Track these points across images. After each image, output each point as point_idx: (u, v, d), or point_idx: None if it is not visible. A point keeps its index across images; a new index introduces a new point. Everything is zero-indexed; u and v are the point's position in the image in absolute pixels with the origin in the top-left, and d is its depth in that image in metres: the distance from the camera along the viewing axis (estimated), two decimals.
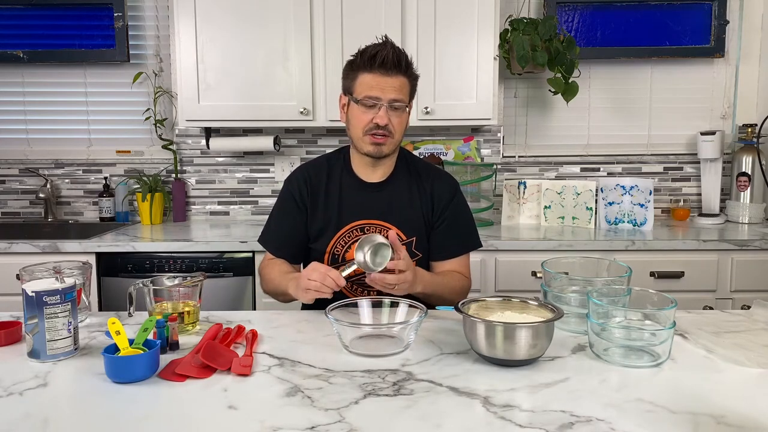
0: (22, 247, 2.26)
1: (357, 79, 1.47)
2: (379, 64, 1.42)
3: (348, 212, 1.54)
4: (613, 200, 2.64)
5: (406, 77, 1.47)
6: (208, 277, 1.42)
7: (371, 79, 1.44)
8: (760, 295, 1.93)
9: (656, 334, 1.09)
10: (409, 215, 1.56)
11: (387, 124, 1.45)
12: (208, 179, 2.90)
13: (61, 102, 2.89)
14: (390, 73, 1.43)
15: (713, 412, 0.90)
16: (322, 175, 1.58)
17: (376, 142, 1.47)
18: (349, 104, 1.50)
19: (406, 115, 1.51)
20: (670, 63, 2.84)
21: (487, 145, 2.88)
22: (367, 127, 1.46)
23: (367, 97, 1.44)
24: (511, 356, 1.07)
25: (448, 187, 1.60)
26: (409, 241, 1.55)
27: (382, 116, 1.44)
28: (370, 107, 1.45)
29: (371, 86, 1.44)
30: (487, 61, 2.45)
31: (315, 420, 0.88)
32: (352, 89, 1.48)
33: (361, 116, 1.46)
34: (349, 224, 1.53)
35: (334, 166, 1.60)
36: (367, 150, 1.49)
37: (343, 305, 1.25)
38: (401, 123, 1.49)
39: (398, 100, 1.45)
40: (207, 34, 2.45)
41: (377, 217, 1.54)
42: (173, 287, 1.31)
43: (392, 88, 1.44)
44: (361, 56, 1.46)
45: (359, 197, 1.55)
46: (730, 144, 2.86)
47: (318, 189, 1.57)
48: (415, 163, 1.63)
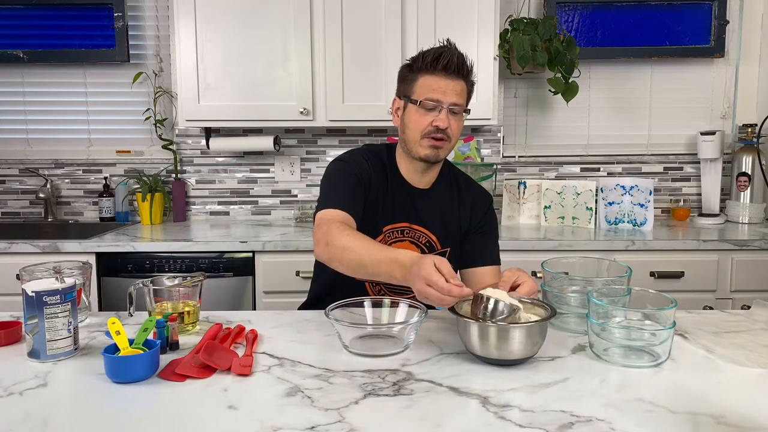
0: (22, 247, 2.26)
1: (417, 81, 1.43)
2: (442, 66, 1.39)
3: (394, 212, 1.52)
4: (613, 200, 2.64)
5: (466, 83, 1.44)
6: (208, 277, 1.42)
7: (433, 81, 1.41)
8: (760, 295, 1.94)
9: (656, 334, 1.09)
10: (448, 224, 1.55)
11: (447, 128, 1.42)
12: (208, 179, 2.90)
13: (61, 102, 2.88)
14: (452, 77, 1.40)
15: (713, 412, 0.90)
16: (378, 166, 1.53)
17: (435, 146, 1.43)
18: (405, 107, 1.47)
19: (463, 120, 1.48)
20: (670, 63, 2.84)
21: (487, 145, 2.88)
22: (427, 130, 1.42)
23: (429, 99, 1.41)
24: (505, 356, 1.07)
25: (485, 202, 1.61)
26: (444, 251, 1.55)
27: (443, 119, 1.41)
28: (430, 110, 1.41)
29: (433, 88, 1.41)
30: (487, 61, 2.45)
31: (315, 420, 0.88)
32: (411, 92, 1.44)
33: (421, 119, 1.43)
34: (391, 225, 1.52)
35: (385, 163, 1.55)
36: (425, 154, 1.45)
37: (343, 305, 1.25)
38: (459, 128, 1.46)
39: (458, 104, 1.42)
40: (207, 34, 2.45)
41: (418, 223, 1.53)
42: (173, 287, 1.31)
43: (453, 91, 1.41)
44: (422, 58, 1.42)
45: (405, 200, 1.53)
46: (730, 144, 2.86)
47: (375, 176, 1.52)
48: (456, 174, 1.62)
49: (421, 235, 1.53)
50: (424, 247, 1.54)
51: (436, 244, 1.54)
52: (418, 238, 1.53)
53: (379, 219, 1.51)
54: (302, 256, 2.29)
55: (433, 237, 1.54)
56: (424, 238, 1.53)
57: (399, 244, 1.53)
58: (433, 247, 1.54)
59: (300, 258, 2.29)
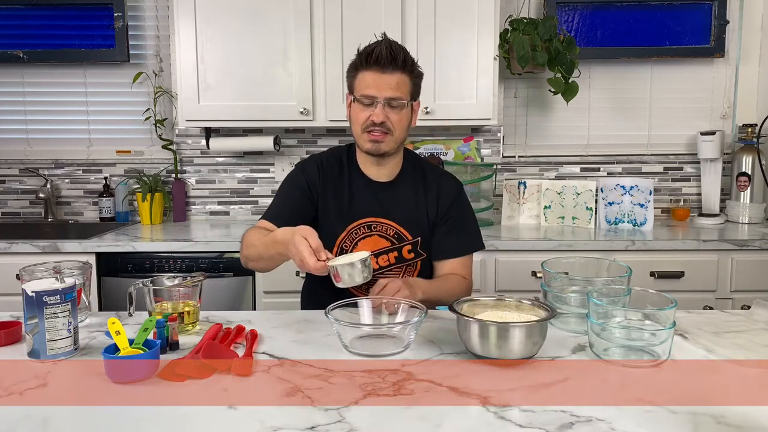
0: (22, 247, 2.26)
1: (357, 76, 1.47)
2: (374, 61, 1.42)
3: (356, 209, 1.55)
4: (613, 200, 2.64)
5: (406, 74, 1.46)
6: (208, 277, 1.42)
7: (368, 76, 1.44)
8: (760, 295, 1.93)
9: (656, 334, 1.09)
10: (415, 215, 1.57)
11: (384, 122, 1.45)
12: (208, 179, 2.90)
13: (61, 102, 2.88)
14: (386, 70, 1.43)
15: (713, 412, 0.90)
16: (335, 168, 1.58)
17: (374, 140, 1.47)
18: (351, 103, 1.51)
19: (408, 111, 1.50)
20: (670, 63, 2.84)
21: (487, 145, 2.88)
22: (365, 125, 1.46)
23: (364, 95, 1.45)
24: (505, 355, 1.07)
25: (452, 188, 1.61)
26: (414, 241, 1.56)
27: (378, 113, 1.44)
28: (367, 105, 1.45)
29: (368, 84, 1.44)
30: (487, 61, 2.45)
31: (315, 420, 0.88)
32: (353, 87, 1.49)
33: (360, 114, 1.47)
34: (357, 221, 1.54)
35: (344, 162, 1.60)
36: (367, 147, 1.49)
37: (343, 305, 1.25)
38: (401, 120, 1.48)
39: (395, 98, 1.44)
40: (207, 34, 2.45)
41: (384, 216, 1.55)
42: (173, 287, 1.31)
43: (388, 85, 1.43)
44: (359, 55, 1.47)
45: (367, 195, 1.56)
46: (730, 144, 2.86)
47: (330, 180, 1.57)
48: (421, 164, 1.64)
49: (388, 227, 1.54)
50: (394, 240, 1.55)
51: (405, 234, 1.55)
52: (385, 231, 1.55)
53: (351, 214, 1.54)
54: None
55: (400, 228, 1.55)
56: (391, 231, 1.55)
57: (367, 239, 1.54)
58: (403, 239, 1.55)
59: None
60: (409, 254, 1.56)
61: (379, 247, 1.55)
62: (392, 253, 1.55)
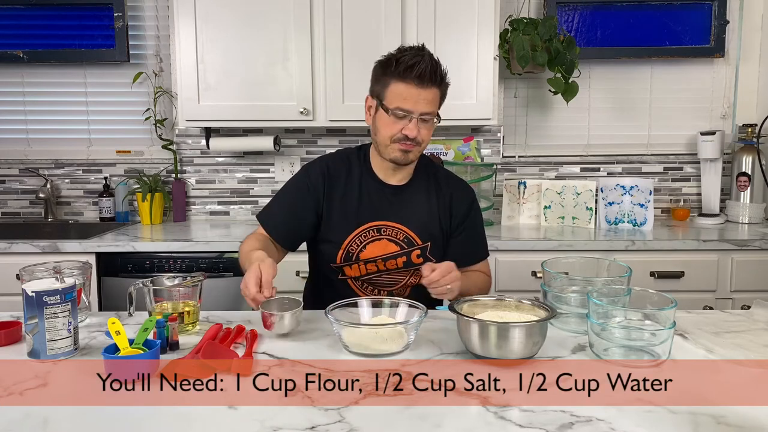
0: (22, 247, 2.26)
1: (389, 86, 1.42)
2: (415, 76, 1.38)
3: (366, 212, 1.53)
4: (613, 200, 2.64)
5: (439, 89, 1.44)
6: (208, 277, 1.42)
7: (405, 89, 1.40)
8: (760, 295, 1.93)
9: (656, 334, 1.09)
10: (426, 221, 1.56)
11: (416, 136, 1.43)
12: (208, 179, 2.90)
13: (61, 102, 2.88)
14: (425, 86, 1.39)
15: (713, 412, 0.90)
16: (342, 170, 1.56)
17: (405, 150, 1.45)
18: (377, 109, 1.46)
19: (434, 124, 1.48)
20: (670, 63, 2.84)
21: (487, 145, 2.88)
22: (396, 137, 1.44)
23: (399, 108, 1.41)
24: (505, 355, 1.07)
25: (466, 198, 1.61)
26: (424, 246, 1.55)
27: (413, 129, 1.41)
28: (400, 118, 1.42)
29: (404, 98, 1.40)
30: (487, 61, 2.45)
31: (315, 420, 0.88)
32: (383, 95, 1.44)
33: (391, 125, 1.43)
34: (367, 224, 1.53)
35: (354, 164, 1.58)
36: (394, 156, 1.47)
37: (343, 305, 1.25)
38: (429, 133, 1.47)
39: (429, 112, 1.42)
40: (207, 34, 2.45)
41: (394, 220, 1.54)
42: (173, 287, 1.31)
43: (425, 101, 1.41)
44: (396, 64, 1.40)
45: (378, 198, 1.54)
46: (730, 144, 2.86)
47: (336, 183, 1.55)
48: (435, 169, 1.63)
49: (398, 231, 1.54)
50: (403, 244, 1.54)
51: (415, 239, 1.54)
52: (395, 235, 1.54)
53: (359, 216, 1.53)
54: (302, 257, 2.26)
55: (411, 233, 1.54)
56: (401, 235, 1.54)
57: (376, 243, 1.53)
58: (413, 243, 1.54)
59: (300, 258, 2.26)
60: (417, 259, 1.55)
61: (388, 251, 1.53)
62: (401, 257, 1.54)
